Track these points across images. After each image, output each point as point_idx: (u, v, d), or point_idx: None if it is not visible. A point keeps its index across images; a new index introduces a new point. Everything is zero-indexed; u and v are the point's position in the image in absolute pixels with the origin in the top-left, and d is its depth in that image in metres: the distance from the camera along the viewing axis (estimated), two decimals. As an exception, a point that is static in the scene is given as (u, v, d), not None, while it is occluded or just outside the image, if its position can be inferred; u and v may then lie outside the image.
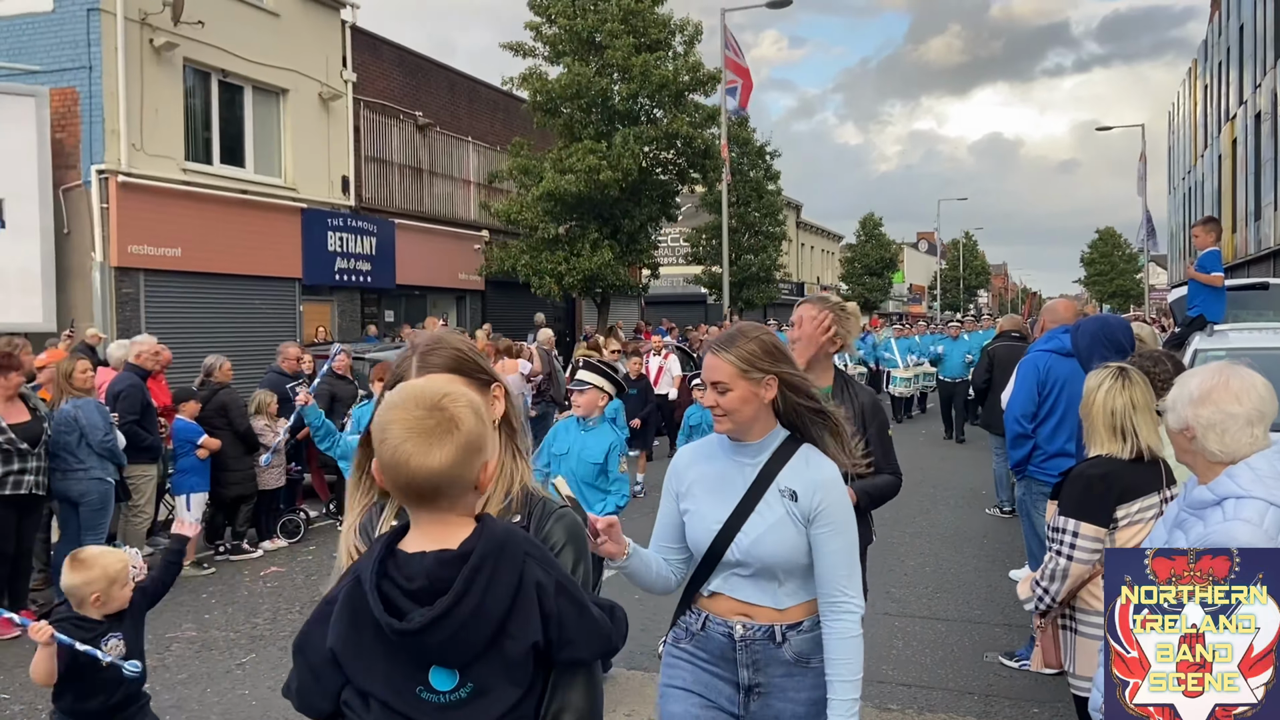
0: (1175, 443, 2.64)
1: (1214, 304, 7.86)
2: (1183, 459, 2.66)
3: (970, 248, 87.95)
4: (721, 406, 2.59)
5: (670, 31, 21.29)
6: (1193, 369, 2.75)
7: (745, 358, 2.57)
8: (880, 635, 6.16)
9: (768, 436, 2.64)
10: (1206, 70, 38.24)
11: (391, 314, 21.23)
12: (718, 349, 2.61)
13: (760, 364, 2.57)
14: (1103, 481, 3.21)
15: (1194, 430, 2.52)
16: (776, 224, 34.47)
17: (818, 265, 57.47)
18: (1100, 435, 3.30)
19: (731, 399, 2.58)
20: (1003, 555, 8.20)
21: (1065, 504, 3.27)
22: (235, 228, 16.71)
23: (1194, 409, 2.52)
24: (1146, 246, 37.07)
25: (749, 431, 2.63)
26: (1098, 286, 76.35)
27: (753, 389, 2.57)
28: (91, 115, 14.59)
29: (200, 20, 15.75)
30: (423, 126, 22.00)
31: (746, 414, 2.59)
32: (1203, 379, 2.55)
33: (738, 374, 2.56)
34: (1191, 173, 42.88)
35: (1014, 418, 5.56)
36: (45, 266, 14.24)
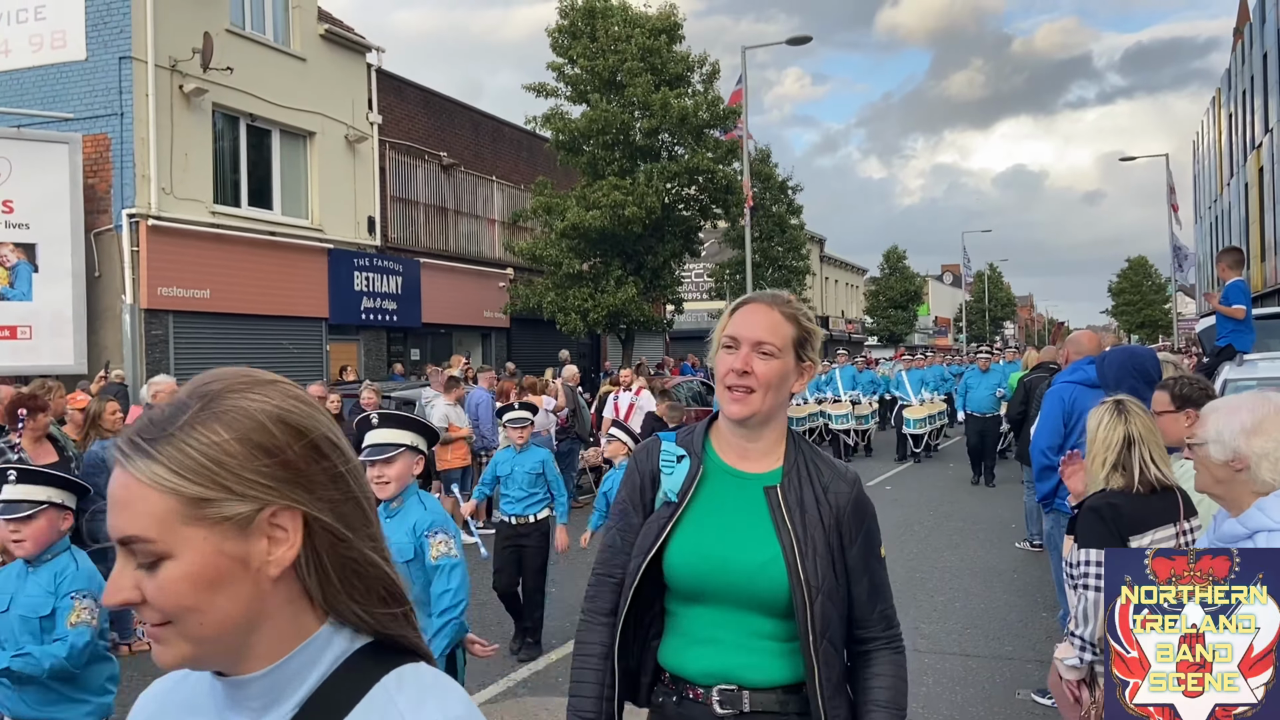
0: (1214, 474, 2.59)
1: (1243, 334, 7.77)
2: (1214, 490, 2.61)
3: (995, 279, 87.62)
4: (168, 614, 1.02)
5: (689, 68, 21.50)
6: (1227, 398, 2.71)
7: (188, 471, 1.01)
8: (910, 672, 6.04)
9: (274, 668, 1.06)
10: (1231, 99, 38.08)
11: (418, 352, 21.38)
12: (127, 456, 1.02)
13: (234, 486, 1.02)
14: (1110, 512, 3.17)
15: (1247, 460, 2.49)
16: (800, 258, 34.50)
17: (842, 299, 57.40)
18: (1099, 470, 3.25)
19: (173, 584, 1.01)
20: (1034, 590, 8.07)
21: (1082, 537, 3.22)
22: (263, 269, 16.93)
23: (1247, 439, 2.49)
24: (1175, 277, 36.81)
25: (235, 658, 1.06)
26: (1126, 316, 75.71)
27: (218, 544, 1.01)
28: (123, 160, 14.88)
29: (229, 66, 16.07)
30: (447, 167, 22.27)
31: (212, 623, 1.02)
32: (1254, 409, 2.52)
33: (169, 518, 1.00)
34: (1218, 202, 42.58)
35: (1040, 450, 5.50)
36: (76, 309, 14.47)
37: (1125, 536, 3.13)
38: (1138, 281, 77.24)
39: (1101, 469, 3.21)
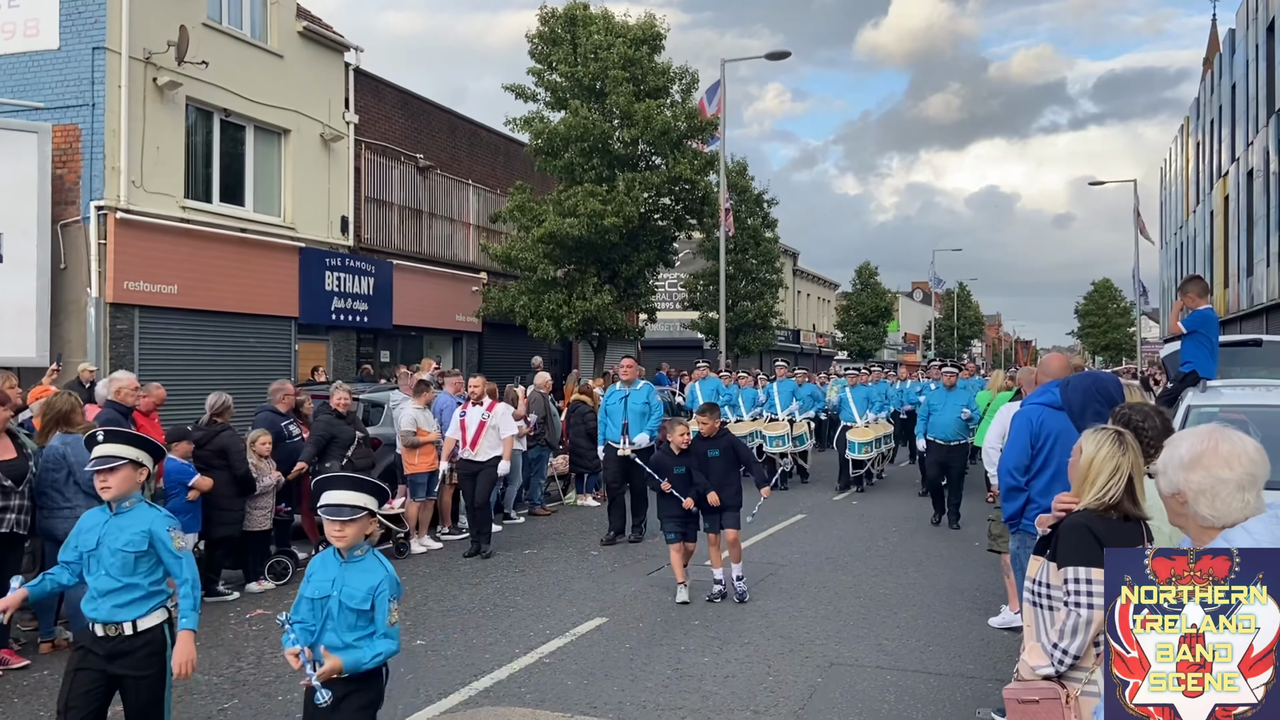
0: (1168, 506, 2.62)
1: (1206, 360, 7.87)
2: (1175, 522, 2.64)
3: (964, 298, 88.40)
4: None
5: (670, 79, 21.56)
6: (1182, 431, 2.74)
7: None
8: (872, 689, 6.08)
9: None
10: (1199, 127, 38.71)
11: (388, 354, 21.23)
12: None
13: None
14: (1103, 532, 3.20)
15: (1185, 495, 2.51)
16: (773, 271, 34.65)
17: (814, 313, 57.68)
18: (1085, 495, 3.28)
19: None
20: (996, 608, 8.12)
21: (1068, 555, 3.21)
22: (233, 266, 16.74)
23: (1185, 474, 2.51)
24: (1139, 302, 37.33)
25: None
26: (1091, 339, 76.67)
27: None
28: (93, 152, 14.68)
29: (204, 60, 15.91)
30: (423, 169, 22.17)
31: None
32: (1192, 443, 2.54)
33: None
34: (1184, 228, 43.24)
35: (1007, 470, 5.54)
36: (40, 301, 14.24)
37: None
38: (1103, 304, 78.30)
39: (1090, 489, 3.24)
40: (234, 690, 6.11)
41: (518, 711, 5.66)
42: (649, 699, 5.90)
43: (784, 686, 6.14)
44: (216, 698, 5.97)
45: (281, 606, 8.20)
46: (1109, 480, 3.24)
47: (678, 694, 6.00)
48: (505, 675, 6.32)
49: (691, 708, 5.76)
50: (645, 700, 5.87)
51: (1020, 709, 3.27)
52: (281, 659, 6.75)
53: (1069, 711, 3.21)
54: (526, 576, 9.34)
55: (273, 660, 6.73)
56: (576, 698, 5.93)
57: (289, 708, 5.76)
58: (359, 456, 9.87)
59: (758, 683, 6.21)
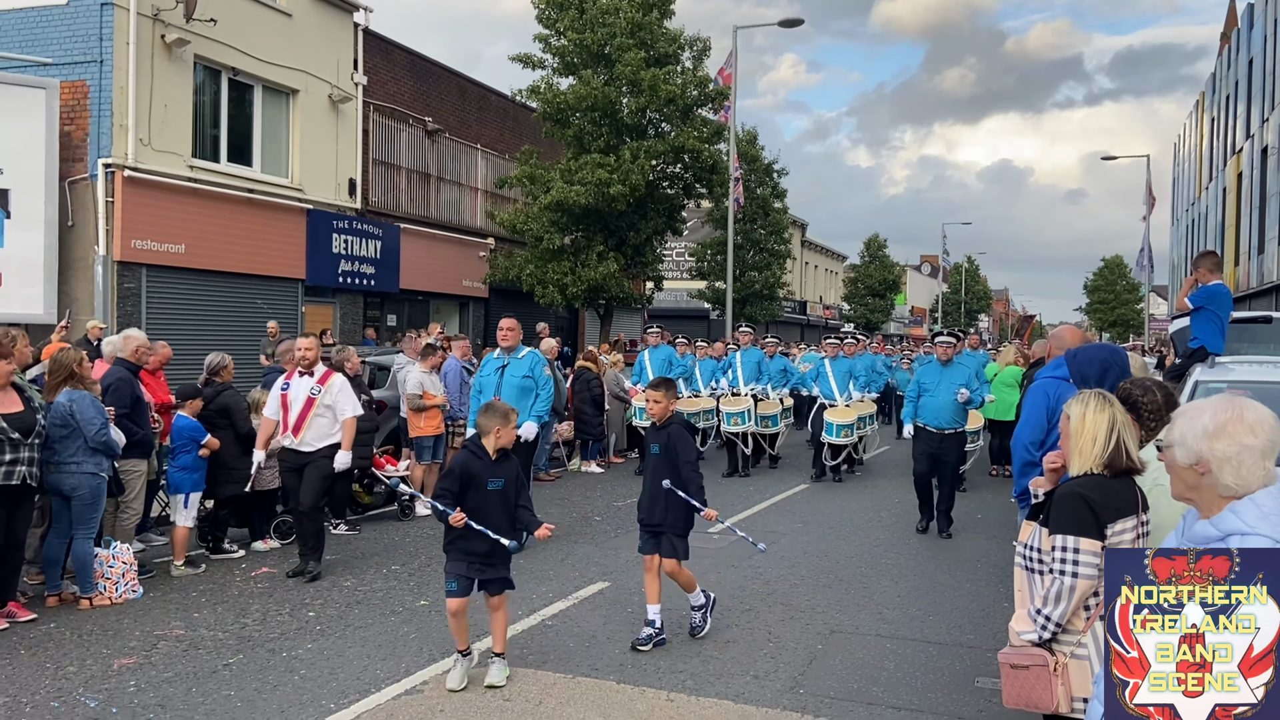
0: (1182, 478, 2.61)
1: (1215, 336, 7.84)
2: (1185, 495, 2.62)
3: (972, 272, 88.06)
4: None
5: (679, 46, 21.37)
6: (1195, 402, 2.73)
7: None
8: (871, 656, 6.12)
9: None
10: (1214, 103, 38.33)
11: (394, 318, 21.25)
12: None
13: None
14: (1097, 498, 3.21)
15: (1208, 464, 2.50)
16: (781, 242, 34.53)
17: (821, 284, 57.52)
18: (1087, 454, 3.29)
19: None
20: (997, 579, 8.15)
21: (1059, 523, 3.24)
22: (240, 226, 16.73)
23: (1210, 442, 2.49)
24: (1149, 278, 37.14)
25: None
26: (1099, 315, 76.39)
27: None
28: (101, 109, 14.63)
29: (212, 18, 15.81)
30: (432, 132, 22.05)
31: None
32: (1216, 412, 2.53)
33: None
34: (1196, 205, 42.94)
35: (1023, 445, 5.50)
36: (48, 258, 14.26)
37: (1105, 524, 3.20)
38: (1112, 280, 77.91)
39: (1092, 447, 3.25)
40: (239, 646, 6.17)
41: (520, 672, 5.70)
42: (650, 662, 5.95)
43: (784, 653, 6.18)
44: (222, 653, 6.03)
45: (286, 565, 8.29)
46: (1109, 436, 3.25)
47: (679, 658, 6.04)
48: (508, 637, 6.37)
49: (692, 671, 5.80)
50: (646, 664, 5.92)
51: (1011, 674, 3.32)
52: (286, 616, 6.81)
53: (1056, 680, 3.26)
54: (529, 540, 9.38)
55: (278, 617, 6.80)
56: (578, 660, 5.97)
57: (292, 664, 5.82)
58: (363, 419, 9.89)
59: (758, 649, 6.26)
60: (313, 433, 7.97)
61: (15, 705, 5.15)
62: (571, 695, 5.39)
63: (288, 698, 5.31)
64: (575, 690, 5.47)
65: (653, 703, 5.31)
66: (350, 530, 9.74)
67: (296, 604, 7.12)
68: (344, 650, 6.11)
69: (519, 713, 5.14)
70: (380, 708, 5.19)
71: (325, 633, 6.46)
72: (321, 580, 7.80)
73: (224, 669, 5.76)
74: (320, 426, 8.00)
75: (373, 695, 5.36)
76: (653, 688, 5.52)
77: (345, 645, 6.22)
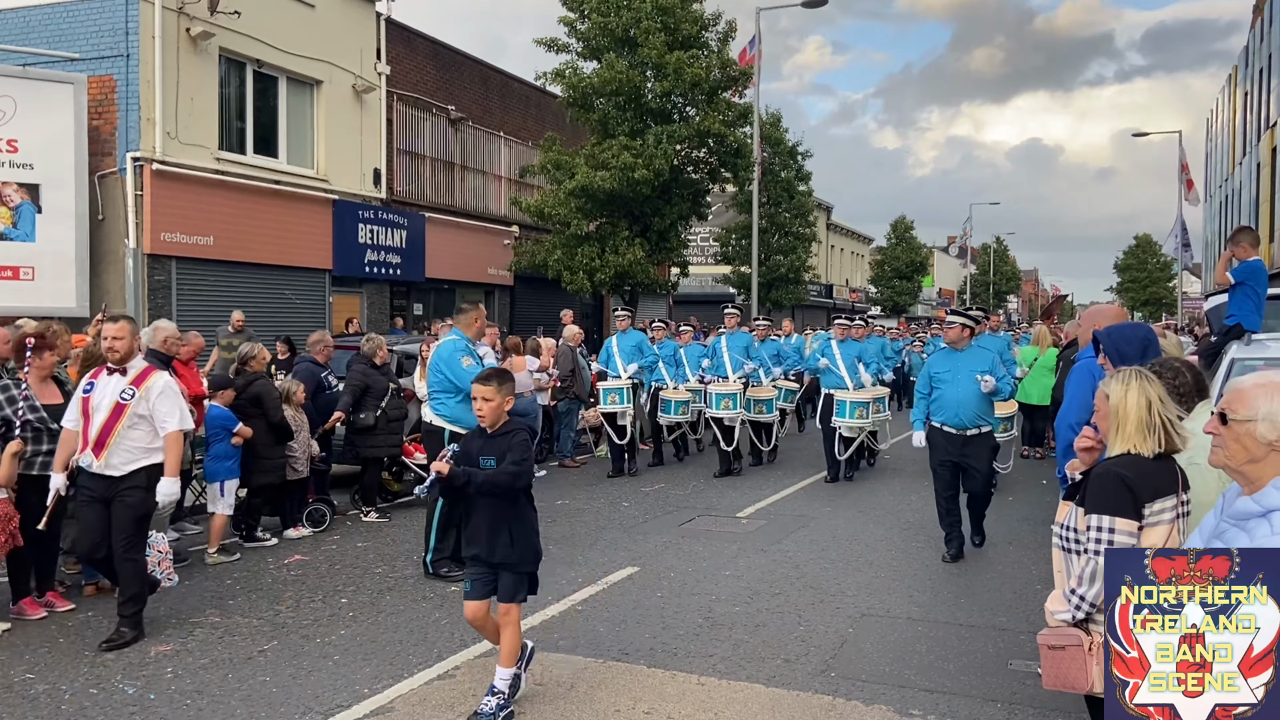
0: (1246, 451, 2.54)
1: (1252, 313, 7.71)
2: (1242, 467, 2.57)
3: (1001, 253, 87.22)
4: None
5: (704, 27, 21.23)
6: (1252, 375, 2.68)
7: None
8: (903, 640, 6.09)
9: None
10: (1247, 77, 37.65)
11: (420, 307, 21.33)
12: None
13: None
14: (1135, 478, 3.16)
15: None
16: (806, 225, 34.32)
17: (847, 267, 57.20)
18: (1128, 433, 3.24)
19: None
20: (1030, 562, 8.09)
21: (1095, 502, 3.20)
22: (267, 218, 16.84)
23: None
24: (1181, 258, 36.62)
25: None
26: (1130, 294, 75.49)
27: None
28: (128, 103, 14.76)
29: (236, 10, 15.89)
30: (455, 120, 22.08)
31: None
32: None
33: None
34: (1229, 180, 42.25)
35: (1068, 425, 5.42)
36: (80, 252, 14.42)
37: (1143, 503, 3.14)
38: (1144, 259, 76.96)
39: (1134, 426, 3.21)
40: (273, 633, 6.23)
41: (551, 657, 5.73)
42: (680, 646, 5.95)
43: (815, 636, 6.16)
44: (256, 640, 6.09)
45: (318, 553, 8.37)
46: (1150, 415, 3.20)
47: (709, 641, 6.04)
48: (538, 622, 6.39)
49: (723, 655, 5.80)
50: (676, 648, 5.92)
51: (1050, 654, 3.29)
52: (319, 603, 6.87)
53: (1091, 660, 3.23)
54: (558, 526, 9.41)
55: (311, 604, 6.86)
56: (609, 644, 5.99)
57: (326, 649, 5.88)
58: (393, 407, 9.96)
59: (788, 632, 6.24)
60: (120, 450, 6.05)
61: (55, 692, 5.23)
62: (603, 679, 5.41)
63: (322, 683, 5.36)
64: (606, 674, 5.48)
65: (683, 686, 5.31)
66: (381, 518, 9.81)
67: (329, 591, 7.18)
68: (376, 636, 6.16)
69: (551, 697, 5.16)
70: (413, 692, 5.23)
71: (358, 619, 6.52)
72: (353, 567, 7.86)
73: (259, 655, 5.82)
74: (132, 442, 6.08)
75: (405, 680, 5.40)
76: (683, 671, 5.52)
77: (378, 631, 6.27)
